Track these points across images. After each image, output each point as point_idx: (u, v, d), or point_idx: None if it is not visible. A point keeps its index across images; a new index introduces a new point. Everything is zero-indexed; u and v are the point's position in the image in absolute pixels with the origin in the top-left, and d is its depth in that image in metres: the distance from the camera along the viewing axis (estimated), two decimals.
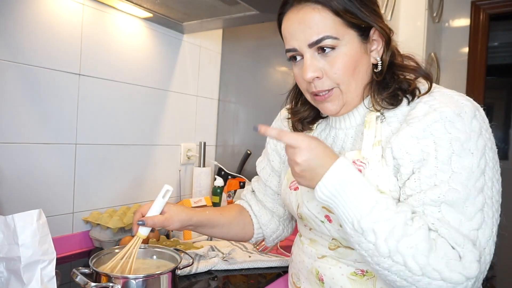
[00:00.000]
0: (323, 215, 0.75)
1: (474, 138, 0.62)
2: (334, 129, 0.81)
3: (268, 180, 0.96)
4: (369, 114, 0.73)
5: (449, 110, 0.63)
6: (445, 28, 2.66)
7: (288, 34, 0.71)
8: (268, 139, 0.98)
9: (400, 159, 0.66)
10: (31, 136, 1.11)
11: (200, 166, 1.64)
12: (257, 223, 0.97)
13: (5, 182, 1.06)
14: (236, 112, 1.82)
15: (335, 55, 0.68)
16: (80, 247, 1.24)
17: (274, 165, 0.94)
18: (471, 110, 0.64)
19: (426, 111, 0.65)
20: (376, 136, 0.71)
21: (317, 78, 0.70)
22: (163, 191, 0.80)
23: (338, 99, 0.72)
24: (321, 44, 0.68)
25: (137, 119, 1.44)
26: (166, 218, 0.81)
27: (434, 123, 0.63)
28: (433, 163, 0.62)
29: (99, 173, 1.31)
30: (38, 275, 0.67)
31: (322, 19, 0.67)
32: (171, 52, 1.57)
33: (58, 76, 1.17)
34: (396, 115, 0.71)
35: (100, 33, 1.28)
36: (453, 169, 0.61)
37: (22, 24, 1.07)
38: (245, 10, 1.27)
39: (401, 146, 0.65)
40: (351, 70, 0.69)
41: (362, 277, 0.74)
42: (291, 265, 0.91)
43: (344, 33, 0.68)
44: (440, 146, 0.62)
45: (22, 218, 0.67)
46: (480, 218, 0.60)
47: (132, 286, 0.74)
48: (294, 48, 0.71)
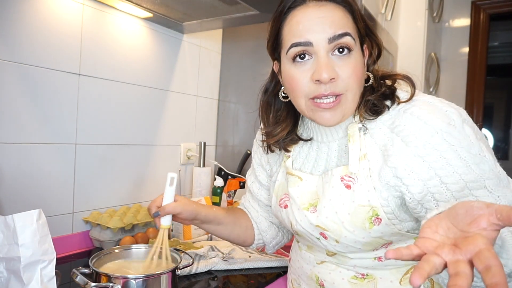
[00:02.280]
0: (318, 233, 0.73)
1: (475, 142, 0.61)
2: (316, 142, 0.78)
3: (258, 194, 0.94)
4: (351, 127, 0.71)
5: (440, 122, 0.61)
6: (445, 28, 2.67)
7: (303, 27, 0.66)
8: (253, 152, 0.96)
9: (405, 179, 0.63)
10: (31, 136, 1.11)
11: (200, 166, 1.64)
12: (257, 228, 0.96)
13: (5, 182, 1.06)
14: (236, 112, 1.82)
15: (348, 59, 0.66)
16: (80, 247, 1.24)
17: (261, 179, 0.93)
18: (457, 116, 0.62)
19: (416, 125, 0.63)
20: (361, 150, 0.68)
21: (332, 80, 0.65)
22: (169, 179, 0.80)
23: (341, 109, 0.68)
24: (342, 40, 0.65)
25: (137, 119, 1.44)
26: (180, 203, 0.81)
27: (431, 138, 0.61)
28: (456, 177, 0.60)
29: (99, 173, 1.31)
30: (38, 275, 0.67)
31: (345, 18, 0.67)
32: (171, 52, 1.57)
33: (58, 76, 1.17)
34: (378, 126, 0.69)
35: (100, 33, 1.28)
36: (481, 176, 0.60)
37: (22, 24, 1.07)
38: (245, 10, 1.27)
39: (405, 166, 0.63)
40: (359, 78, 0.68)
41: (363, 280, 0.73)
42: (290, 270, 0.91)
43: (356, 39, 0.68)
44: (451, 159, 0.60)
45: (22, 218, 0.67)
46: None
47: (132, 286, 0.74)
48: (308, 42, 0.65)
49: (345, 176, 0.69)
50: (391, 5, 1.79)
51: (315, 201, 0.74)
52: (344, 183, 0.69)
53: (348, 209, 0.68)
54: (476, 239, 0.39)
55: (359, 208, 0.67)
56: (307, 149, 0.80)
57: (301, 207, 0.75)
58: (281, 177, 0.83)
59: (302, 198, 0.75)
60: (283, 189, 0.81)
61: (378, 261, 0.72)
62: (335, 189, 0.70)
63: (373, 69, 0.73)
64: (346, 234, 0.69)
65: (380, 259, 0.72)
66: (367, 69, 0.72)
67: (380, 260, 0.72)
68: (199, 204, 0.86)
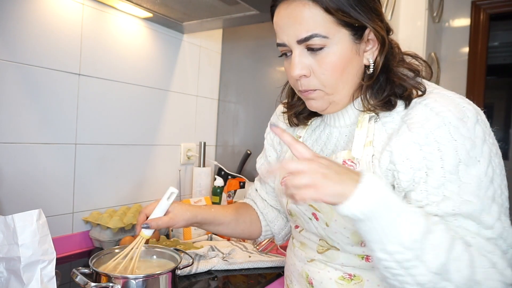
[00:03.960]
0: (310, 213, 0.75)
1: (479, 145, 0.60)
2: (329, 126, 0.80)
3: (266, 176, 0.95)
4: (362, 115, 0.71)
5: (451, 115, 0.60)
6: (445, 28, 2.66)
7: (278, 28, 0.69)
8: (266, 134, 0.97)
9: (398, 165, 0.63)
10: (31, 136, 1.11)
11: (200, 166, 1.64)
12: (264, 220, 0.96)
13: (5, 182, 1.06)
14: (236, 112, 1.82)
15: (323, 54, 0.66)
16: (80, 247, 1.24)
17: (271, 160, 0.94)
18: (473, 114, 0.61)
19: (427, 115, 0.62)
20: (368, 137, 0.69)
21: (304, 77, 0.68)
22: (168, 193, 0.79)
23: (322, 99, 0.70)
24: (309, 42, 0.65)
25: (137, 119, 1.44)
26: (171, 218, 0.80)
27: (437, 129, 0.60)
28: (440, 173, 0.60)
29: (99, 173, 1.31)
30: (38, 275, 0.67)
31: (312, 16, 0.64)
32: (171, 52, 1.57)
33: (58, 76, 1.17)
34: (391, 115, 0.68)
35: (100, 33, 1.28)
36: (461, 179, 0.59)
37: (22, 24, 1.07)
38: (245, 10, 1.27)
39: (402, 151, 0.63)
40: (339, 71, 0.67)
41: (349, 281, 0.73)
42: (285, 267, 0.91)
43: (334, 31, 0.64)
44: (446, 154, 0.59)
45: (22, 218, 0.67)
46: (500, 227, 0.59)
47: (132, 286, 0.74)
48: (283, 43, 0.69)
49: (348, 160, 0.70)
50: (391, 5, 1.79)
51: None
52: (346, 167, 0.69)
53: None
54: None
55: None
56: (319, 133, 0.82)
57: None
58: (288, 156, 0.85)
59: None
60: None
61: (366, 261, 0.72)
62: None
63: (377, 59, 0.68)
64: (337, 218, 0.70)
65: (368, 259, 0.72)
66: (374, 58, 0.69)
67: (367, 260, 0.72)
68: (196, 207, 0.86)
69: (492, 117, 3.59)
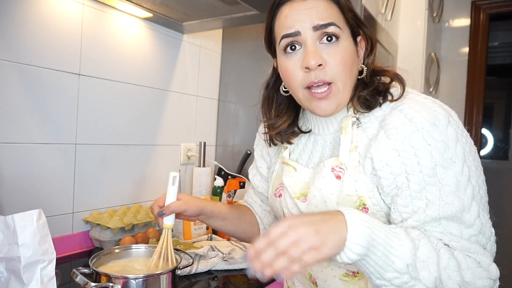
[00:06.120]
0: None
1: (452, 146, 0.62)
2: (313, 134, 0.81)
3: (259, 186, 0.96)
4: (345, 119, 0.73)
5: (424, 120, 0.62)
6: (445, 28, 2.67)
7: (290, 19, 0.69)
8: (255, 145, 0.98)
9: (379, 171, 0.65)
10: (31, 136, 1.11)
11: (200, 166, 1.64)
12: (262, 223, 0.97)
13: (5, 182, 1.06)
14: (236, 112, 1.82)
15: (337, 47, 0.68)
16: (80, 247, 1.24)
17: (262, 171, 0.94)
18: (445, 117, 0.63)
19: (401, 121, 0.64)
20: (352, 142, 0.70)
21: (320, 66, 0.67)
22: (171, 178, 0.81)
23: (335, 98, 0.69)
24: (327, 29, 0.67)
25: (137, 119, 1.44)
26: (184, 201, 0.81)
27: (411, 135, 0.63)
28: (420, 177, 0.62)
29: (99, 173, 1.31)
30: (38, 275, 0.67)
31: (329, 8, 0.68)
32: (171, 52, 1.57)
33: (58, 76, 1.17)
34: (371, 121, 0.71)
35: (100, 33, 1.28)
36: (440, 181, 0.61)
37: (22, 24, 1.07)
38: (245, 10, 1.27)
39: (381, 157, 0.65)
40: (349, 66, 0.69)
41: (353, 277, 0.74)
42: None
43: (344, 28, 0.69)
44: (422, 158, 0.62)
45: (22, 218, 0.67)
46: (479, 224, 0.61)
47: (132, 286, 0.74)
48: (296, 31, 0.68)
49: (336, 166, 0.71)
50: (391, 5, 1.79)
51: (305, 191, 0.76)
52: (335, 173, 0.70)
53: (337, 199, 0.70)
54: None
55: (347, 197, 0.68)
56: (304, 142, 0.82)
57: (292, 196, 0.77)
58: (278, 167, 0.85)
59: (294, 188, 0.77)
60: (278, 179, 0.83)
61: None
62: (325, 179, 0.71)
63: (368, 62, 0.74)
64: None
65: None
66: (363, 62, 0.74)
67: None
68: (203, 199, 0.87)
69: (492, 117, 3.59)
